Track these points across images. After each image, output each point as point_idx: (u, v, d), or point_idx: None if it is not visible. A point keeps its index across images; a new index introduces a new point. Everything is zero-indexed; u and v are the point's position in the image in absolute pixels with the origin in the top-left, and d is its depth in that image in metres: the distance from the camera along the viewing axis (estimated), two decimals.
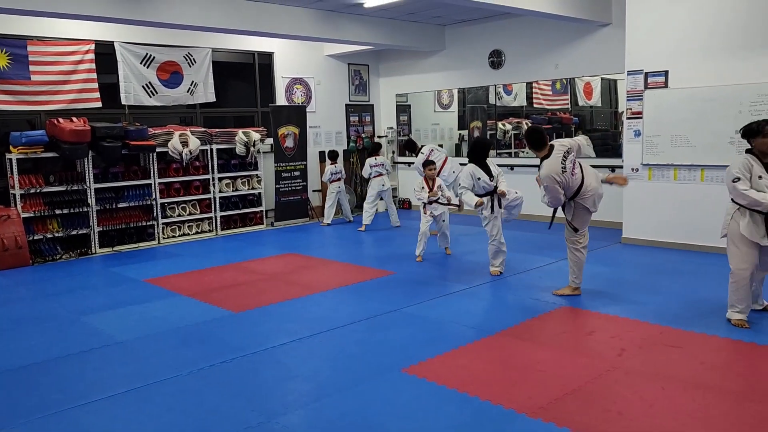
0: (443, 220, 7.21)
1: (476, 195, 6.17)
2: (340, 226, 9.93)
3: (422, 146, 8.92)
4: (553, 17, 8.00)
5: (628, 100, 7.58)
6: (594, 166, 8.61)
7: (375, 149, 9.67)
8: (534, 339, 4.50)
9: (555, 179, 5.06)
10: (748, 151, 4.48)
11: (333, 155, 9.99)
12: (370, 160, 9.45)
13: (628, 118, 7.61)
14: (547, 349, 4.27)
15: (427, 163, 7.31)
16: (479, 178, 6.15)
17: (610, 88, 9.17)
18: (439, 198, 7.02)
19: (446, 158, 8.74)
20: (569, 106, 9.39)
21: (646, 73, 7.35)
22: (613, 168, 8.58)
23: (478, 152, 6.29)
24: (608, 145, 9.10)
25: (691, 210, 7.15)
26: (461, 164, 7.89)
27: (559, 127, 9.58)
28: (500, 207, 6.19)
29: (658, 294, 5.54)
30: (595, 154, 8.98)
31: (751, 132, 4.43)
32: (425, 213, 7.11)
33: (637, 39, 7.41)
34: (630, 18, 7.46)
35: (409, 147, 9.32)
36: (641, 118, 7.42)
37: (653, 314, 4.93)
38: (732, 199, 4.52)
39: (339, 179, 9.89)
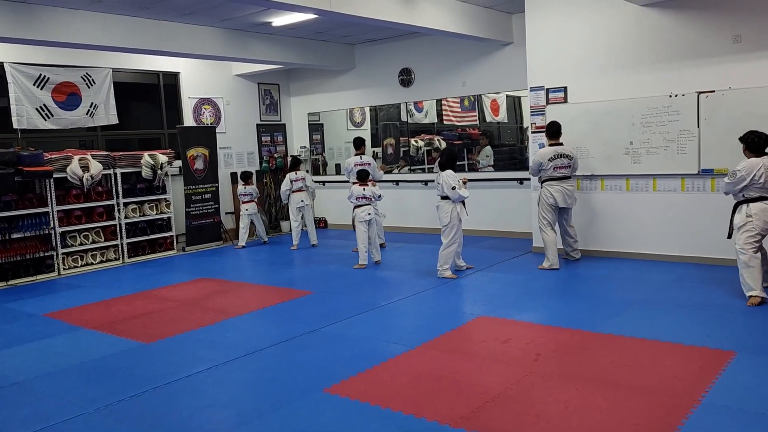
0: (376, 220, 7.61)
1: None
2: (255, 248, 9.72)
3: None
4: (459, 36, 8.26)
5: (531, 114, 7.92)
6: (502, 180, 9.10)
7: (295, 164, 9.57)
8: (454, 350, 4.55)
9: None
10: None
11: (245, 176, 9.83)
12: (290, 175, 9.34)
13: (532, 132, 7.94)
14: (467, 359, 4.33)
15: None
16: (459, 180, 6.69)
17: (515, 104, 9.56)
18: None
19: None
20: (477, 122, 9.70)
21: (547, 89, 7.72)
22: (521, 180, 8.93)
23: (452, 160, 6.85)
24: (515, 158, 9.45)
25: (593, 218, 7.54)
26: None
27: (469, 142, 9.86)
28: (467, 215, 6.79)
29: (568, 299, 5.78)
30: (503, 167, 9.37)
31: None
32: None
33: (538, 57, 7.78)
34: (530, 37, 7.83)
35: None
36: (545, 131, 7.76)
37: (565, 318, 5.12)
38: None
39: (251, 201, 9.72)
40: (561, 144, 7.03)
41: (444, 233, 6.74)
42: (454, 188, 6.55)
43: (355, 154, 8.95)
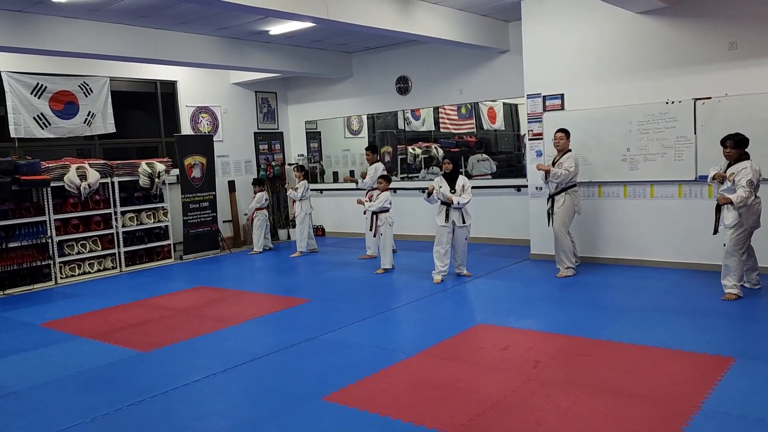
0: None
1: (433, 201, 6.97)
2: (257, 255, 9.70)
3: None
4: (456, 44, 8.28)
5: (529, 122, 7.94)
6: (500, 187, 9.10)
7: (304, 172, 9.72)
8: (453, 357, 4.54)
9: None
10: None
11: (257, 182, 10.13)
12: (302, 183, 9.42)
13: (530, 139, 7.95)
14: (466, 367, 4.32)
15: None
16: (441, 186, 6.87)
17: (512, 112, 9.57)
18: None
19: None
20: (475, 129, 9.71)
21: (544, 97, 7.74)
22: (518, 187, 8.93)
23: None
24: (513, 166, 9.46)
25: (591, 224, 7.54)
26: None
27: (467, 150, 9.87)
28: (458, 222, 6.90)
29: (566, 306, 5.76)
30: (501, 175, 9.38)
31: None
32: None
33: (534, 64, 7.80)
34: (526, 45, 7.85)
35: None
36: (542, 138, 7.78)
37: (564, 325, 5.11)
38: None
39: (264, 207, 9.95)
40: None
41: None
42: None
43: (377, 160, 8.87)
